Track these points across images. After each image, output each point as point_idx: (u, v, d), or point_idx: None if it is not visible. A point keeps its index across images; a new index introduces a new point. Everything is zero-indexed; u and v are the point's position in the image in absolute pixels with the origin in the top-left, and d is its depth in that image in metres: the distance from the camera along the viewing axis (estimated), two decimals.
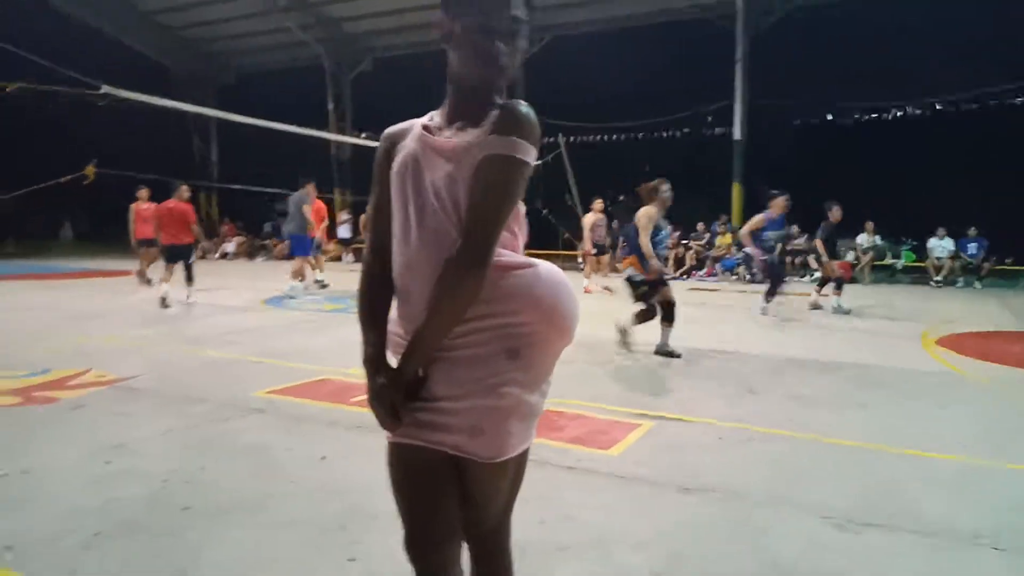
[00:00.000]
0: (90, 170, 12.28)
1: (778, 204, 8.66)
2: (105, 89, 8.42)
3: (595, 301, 11.16)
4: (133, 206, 11.44)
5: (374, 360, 1.42)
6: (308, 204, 11.23)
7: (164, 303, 9.07)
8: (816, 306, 9.94)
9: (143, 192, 11.62)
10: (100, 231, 25.83)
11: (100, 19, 22.14)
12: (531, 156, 1.36)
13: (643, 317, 6.35)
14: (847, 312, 9.51)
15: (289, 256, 13.50)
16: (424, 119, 1.49)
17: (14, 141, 22.35)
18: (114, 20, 22.49)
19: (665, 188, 6.36)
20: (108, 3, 21.98)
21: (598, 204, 12.41)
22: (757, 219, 8.77)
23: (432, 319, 1.33)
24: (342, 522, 2.68)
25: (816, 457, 3.58)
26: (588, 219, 12.27)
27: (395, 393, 1.37)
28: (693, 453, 3.59)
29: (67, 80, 8.38)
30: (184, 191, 9.62)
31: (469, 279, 1.30)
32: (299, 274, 11.25)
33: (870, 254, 15.28)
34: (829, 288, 10.01)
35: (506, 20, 1.40)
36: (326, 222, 12.62)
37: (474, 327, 1.34)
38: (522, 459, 1.49)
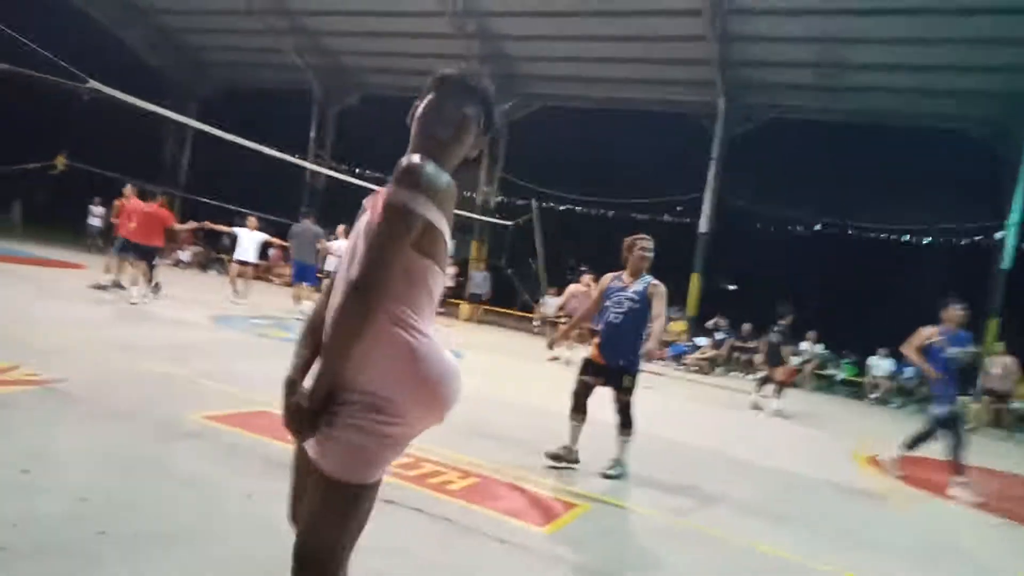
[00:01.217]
0: (60, 160, 12.03)
1: (953, 316, 6.51)
2: (92, 84, 8.30)
3: (549, 369, 11.20)
4: (118, 202, 11.35)
5: (292, 382, 1.66)
6: (323, 239, 12.02)
7: (102, 287, 10.03)
8: (756, 406, 10.13)
9: (127, 190, 11.33)
10: (53, 218, 25.04)
11: (95, 8, 22.00)
12: (416, 204, 1.52)
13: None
14: (786, 418, 9.71)
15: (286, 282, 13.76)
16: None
17: None
18: (109, 10, 22.37)
19: (644, 245, 5.28)
20: None
21: (586, 277, 12.32)
22: (928, 332, 6.62)
23: (327, 342, 1.54)
24: (268, 568, 2.59)
25: (741, 566, 3.61)
26: (571, 288, 12.48)
27: (302, 411, 1.55)
28: (626, 542, 3.59)
29: (55, 68, 8.25)
30: (159, 198, 10.57)
31: (350, 302, 1.50)
32: (299, 298, 11.90)
33: (813, 361, 15.72)
34: (769, 389, 10.24)
35: (457, 111, 1.68)
36: None
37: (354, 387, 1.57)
38: (353, 499, 1.57)
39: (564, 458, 4.89)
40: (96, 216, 19.66)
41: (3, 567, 2.33)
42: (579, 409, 5.06)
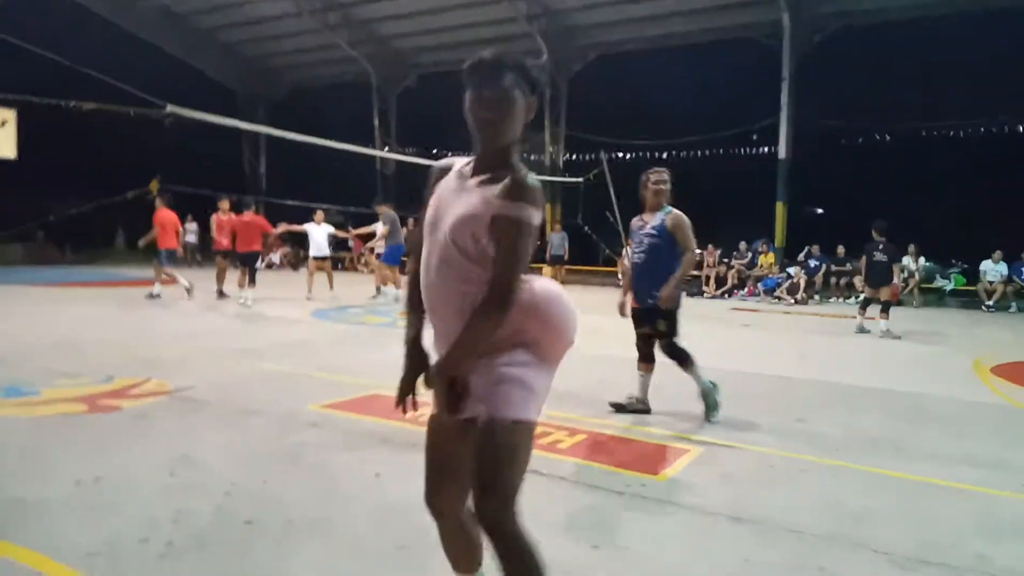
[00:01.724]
0: (154, 185, 12.81)
1: None
2: (170, 108, 8.77)
3: None
4: (215, 216, 12.03)
5: (412, 340, 1.89)
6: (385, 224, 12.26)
7: (222, 295, 11.18)
8: (862, 329, 9.75)
9: (224, 203, 12.24)
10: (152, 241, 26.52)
11: (161, 37, 22.94)
12: (535, 218, 1.70)
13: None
14: (896, 337, 9.30)
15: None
16: (462, 162, 1.84)
17: (80, 154, 23.30)
18: (176, 37, 23.29)
19: (657, 178, 4.86)
20: (169, 21, 22.76)
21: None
22: None
23: (465, 342, 1.71)
24: (402, 543, 2.74)
25: (872, 491, 3.53)
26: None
27: (440, 384, 1.77)
28: (744, 482, 3.58)
29: (135, 100, 8.77)
30: (252, 206, 11.51)
31: (494, 317, 1.69)
32: (390, 280, 12.23)
33: (916, 276, 14.94)
34: (875, 311, 9.82)
35: (495, 91, 1.70)
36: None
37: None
38: (520, 436, 1.77)
39: (630, 408, 4.87)
40: (190, 232, 20.76)
41: (175, 559, 2.58)
42: (644, 359, 4.96)
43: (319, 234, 12.91)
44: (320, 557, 2.62)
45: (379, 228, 12.42)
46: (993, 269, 14.53)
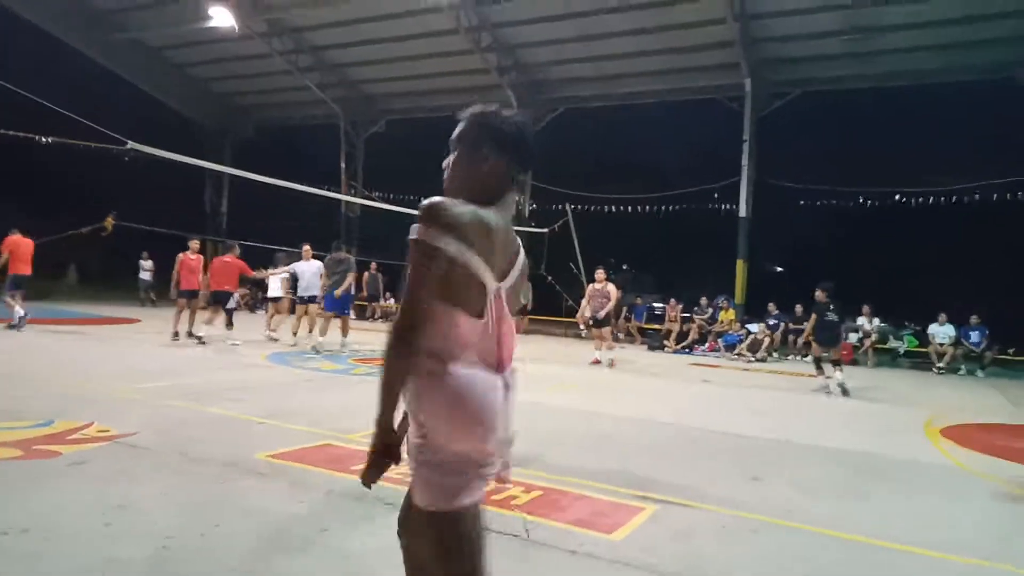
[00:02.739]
0: (108, 222, 12.63)
1: None
2: (131, 145, 8.67)
3: (597, 373, 11.15)
4: (181, 256, 11.66)
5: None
6: (351, 271, 11.85)
7: (201, 340, 11.00)
8: (826, 389, 9.88)
9: (194, 243, 12.19)
10: (106, 275, 25.96)
11: (132, 71, 22.81)
12: (436, 239, 1.55)
13: None
14: (845, 393, 9.47)
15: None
16: None
17: (36, 187, 22.84)
18: (146, 72, 23.18)
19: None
20: (142, 55, 22.67)
21: (599, 274, 12.15)
22: None
23: (380, 391, 1.59)
24: None
25: (822, 551, 3.53)
26: (588, 289, 12.26)
27: (370, 453, 1.65)
28: (696, 542, 3.55)
29: (96, 133, 8.66)
30: (235, 248, 11.95)
31: (391, 344, 1.57)
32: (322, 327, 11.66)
33: (872, 337, 15.30)
34: (828, 368, 10.03)
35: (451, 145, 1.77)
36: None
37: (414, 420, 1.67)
38: (447, 525, 1.63)
39: None
40: (146, 271, 20.33)
41: None
42: None
43: (309, 272, 12.05)
44: None
45: (295, 269, 12.14)
46: (941, 332, 14.95)
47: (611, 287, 11.86)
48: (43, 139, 8.87)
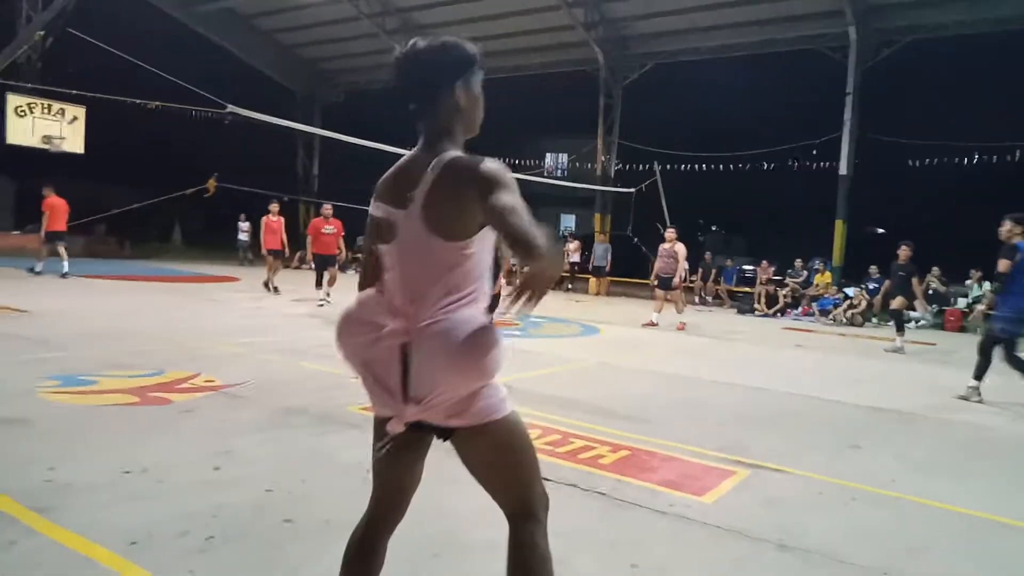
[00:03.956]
0: (211, 183, 13.27)
1: None
2: (230, 108, 8.99)
3: (680, 337, 10.93)
4: (264, 219, 12.62)
5: None
6: None
7: (268, 286, 12.27)
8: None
9: (274, 206, 12.89)
10: (208, 236, 27.38)
11: (226, 38, 23.65)
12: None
13: None
14: (902, 353, 9.40)
15: None
16: None
17: (143, 151, 24.17)
18: (240, 39, 24.00)
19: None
20: (234, 23, 23.47)
21: (669, 233, 11.74)
22: None
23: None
24: (436, 550, 2.71)
25: (928, 525, 3.36)
26: (659, 249, 11.87)
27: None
28: (791, 508, 3.44)
29: (198, 99, 9.04)
30: (326, 210, 11.85)
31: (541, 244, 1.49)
32: None
33: (981, 302, 14.32)
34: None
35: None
36: None
37: None
38: (514, 424, 1.67)
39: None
40: (244, 232, 21.25)
41: (212, 552, 2.60)
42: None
43: None
44: None
45: None
46: None
47: (680, 247, 11.44)
48: (151, 104, 9.32)
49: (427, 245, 1.58)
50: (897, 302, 9.94)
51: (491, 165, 1.56)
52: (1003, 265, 6.38)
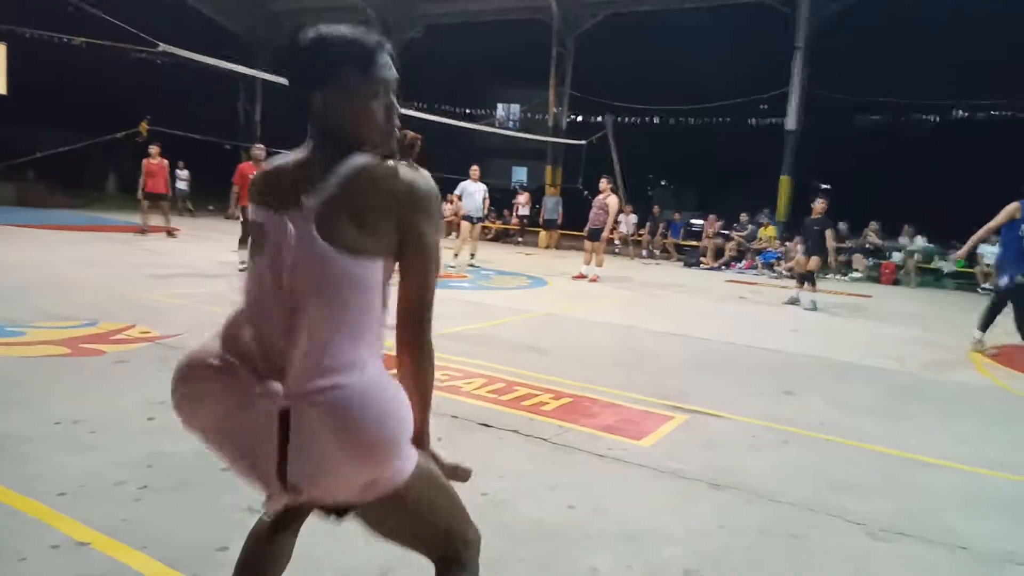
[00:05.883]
0: (143, 127, 12.71)
1: None
2: (162, 47, 8.56)
3: (629, 290, 11.07)
4: (144, 161, 12.26)
5: None
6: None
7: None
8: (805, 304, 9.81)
9: (154, 148, 12.51)
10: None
11: None
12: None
13: None
14: (813, 310, 9.48)
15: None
16: None
17: (71, 91, 22.90)
18: None
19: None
20: None
21: (602, 183, 11.66)
22: (1013, 208, 7.66)
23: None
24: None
25: (853, 464, 3.53)
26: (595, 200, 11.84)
27: None
28: (726, 451, 3.57)
29: (130, 37, 8.56)
30: (257, 152, 9.79)
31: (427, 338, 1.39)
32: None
33: (915, 256, 14.89)
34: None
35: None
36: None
37: None
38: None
39: None
40: (182, 180, 20.44)
41: (147, 501, 2.57)
42: None
43: (477, 191, 12.16)
44: None
45: None
46: (990, 252, 14.43)
47: (612, 199, 11.42)
48: (75, 40, 8.80)
49: (322, 261, 1.23)
50: (813, 263, 9.78)
51: (417, 178, 1.30)
52: None
